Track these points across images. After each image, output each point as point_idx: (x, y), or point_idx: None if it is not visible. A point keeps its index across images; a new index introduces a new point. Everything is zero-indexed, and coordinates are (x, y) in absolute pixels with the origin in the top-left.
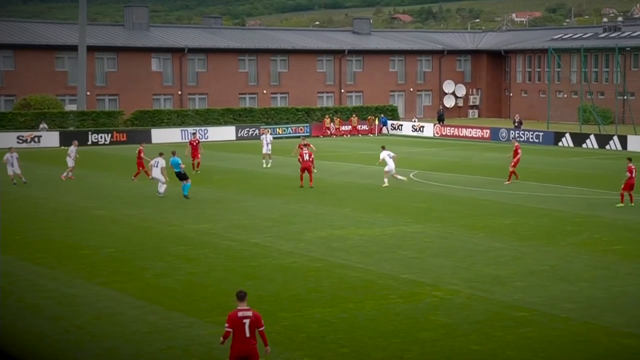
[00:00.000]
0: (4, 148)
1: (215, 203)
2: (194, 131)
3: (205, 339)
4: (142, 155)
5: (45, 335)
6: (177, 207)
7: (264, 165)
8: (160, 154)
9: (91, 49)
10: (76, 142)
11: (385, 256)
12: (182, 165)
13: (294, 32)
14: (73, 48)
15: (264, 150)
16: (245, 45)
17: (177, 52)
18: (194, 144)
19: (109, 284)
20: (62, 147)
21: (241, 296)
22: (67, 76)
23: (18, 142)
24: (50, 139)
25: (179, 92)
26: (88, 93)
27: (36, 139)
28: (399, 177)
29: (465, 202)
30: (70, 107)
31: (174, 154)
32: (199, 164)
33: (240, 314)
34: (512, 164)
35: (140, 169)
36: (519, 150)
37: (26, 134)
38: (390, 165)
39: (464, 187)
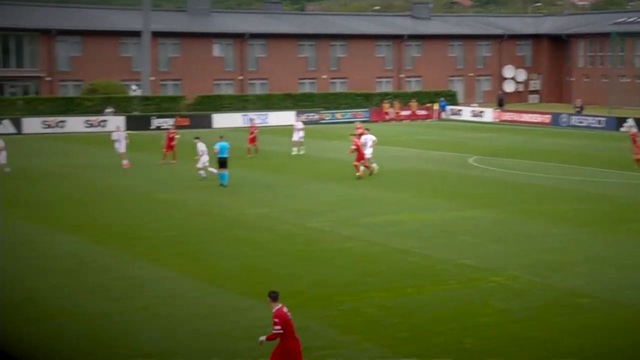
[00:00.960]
0: (73, 132)
1: (273, 188)
2: (253, 117)
3: (265, 321)
4: (175, 138)
5: (110, 315)
6: (235, 191)
7: (293, 153)
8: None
9: (155, 34)
10: (119, 127)
11: (443, 241)
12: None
13: (354, 17)
14: (137, 34)
15: (294, 138)
16: (305, 30)
17: (238, 37)
18: (253, 130)
19: (171, 267)
20: (128, 132)
21: (275, 296)
22: (131, 61)
23: (86, 127)
24: (115, 123)
25: (240, 78)
26: (152, 78)
27: (102, 124)
28: (373, 165)
29: (524, 188)
30: (135, 93)
31: (221, 138)
32: (256, 149)
33: (284, 310)
34: (636, 152)
35: (167, 151)
36: (637, 138)
37: (93, 119)
38: (369, 151)
39: (523, 173)
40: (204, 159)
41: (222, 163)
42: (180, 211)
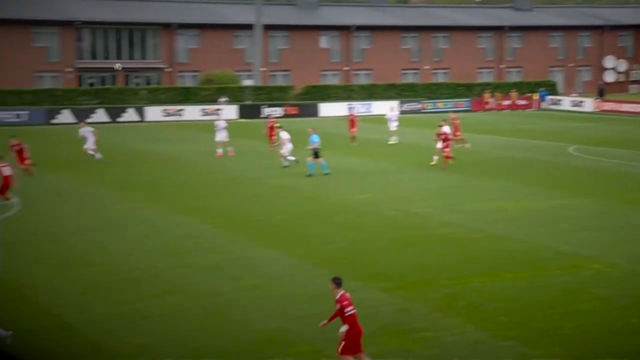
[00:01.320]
0: (191, 119)
1: (376, 174)
2: (352, 106)
3: (368, 302)
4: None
5: (224, 293)
6: (339, 177)
7: (391, 142)
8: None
9: (266, 27)
10: (221, 115)
11: (544, 229)
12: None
13: (456, 9)
14: (250, 27)
15: (391, 128)
16: (408, 22)
17: (344, 30)
18: (352, 118)
19: (281, 249)
20: (241, 120)
21: (339, 282)
22: (244, 53)
23: (202, 115)
24: (229, 112)
25: (346, 68)
26: (263, 69)
27: (217, 112)
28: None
29: (625, 177)
30: (247, 83)
31: (313, 130)
32: (354, 137)
33: (348, 295)
34: None
35: (271, 139)
36: None
37: (209, 107)
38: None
39: (623, 162)
40: (289, 147)
41: (317, 153)
42: (288, 196)
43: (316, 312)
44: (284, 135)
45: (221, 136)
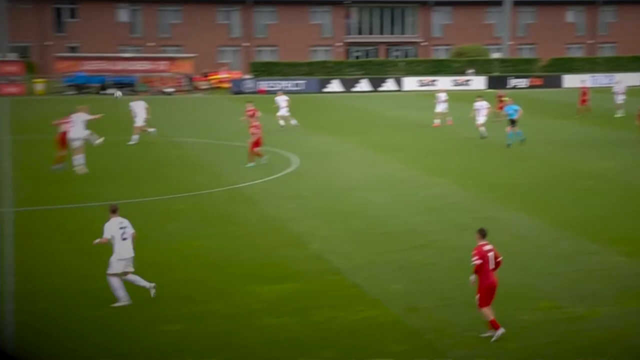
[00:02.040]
0: (442, 89)
1: (612, 144)
2: (584, 79)
3: (608, 265)
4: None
5: (470, 249)
6: (575, 146)
7: (617, 115)
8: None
9: (515, 3)
10: (444, 94)
11: None
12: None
13: None
14: (499, 3)
15: (617, 101)
16: None
17: (591, 4)
18: (584, 90)
19: (523, 210)
20: (489, 90)
21: (484, 234)
22: (493, 28)
23: (453, 85)
24: (477, 82)
25: (590, 42)
26: (511, 43)
27: (466, 83)
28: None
29: None
30: (495, 55)
31: (511, 100)
32: (587, 109)
33: (484, 248)
34: None
35: (499, 111)
36: None
37: (459, 78)
38: None
39: None
40: (483, 118)
41: (514, 122)
42: (529, 162)
43: (558, 272)
44: (481, 104)
45: (441, 108)
